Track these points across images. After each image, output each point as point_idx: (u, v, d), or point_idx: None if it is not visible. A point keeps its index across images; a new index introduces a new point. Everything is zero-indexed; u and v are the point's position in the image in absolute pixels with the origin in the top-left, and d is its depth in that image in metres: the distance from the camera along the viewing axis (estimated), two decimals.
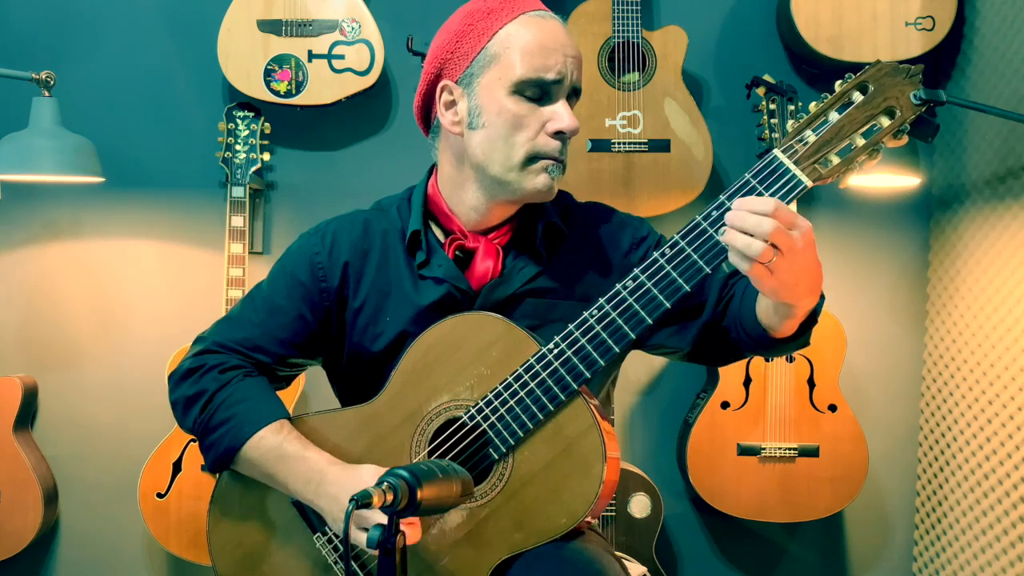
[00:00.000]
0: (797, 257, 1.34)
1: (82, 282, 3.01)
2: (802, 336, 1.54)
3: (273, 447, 1.57)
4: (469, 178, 1.63)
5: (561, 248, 1.68)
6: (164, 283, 3.01)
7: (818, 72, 2.98)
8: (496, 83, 1.56)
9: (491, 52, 1.56)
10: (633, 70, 2.81)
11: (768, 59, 2.99)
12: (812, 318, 1.53)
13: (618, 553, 1.88)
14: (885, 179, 2.80)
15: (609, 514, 2.77)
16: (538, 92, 1.56)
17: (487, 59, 1.56)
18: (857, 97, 1.40)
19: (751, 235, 1.32)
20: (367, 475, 1.49)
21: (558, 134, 1.57)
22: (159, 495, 2.78)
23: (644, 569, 2.24)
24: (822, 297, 1.52)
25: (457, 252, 1.66)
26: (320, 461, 1.55)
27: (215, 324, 1.74)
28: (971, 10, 2.80)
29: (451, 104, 1.61)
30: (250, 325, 1.69)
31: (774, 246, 1.32)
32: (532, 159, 1.57)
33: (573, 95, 1.61)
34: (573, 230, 1.71)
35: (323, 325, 1.69)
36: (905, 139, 1.41)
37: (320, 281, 1.68)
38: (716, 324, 1.62)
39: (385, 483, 1.20)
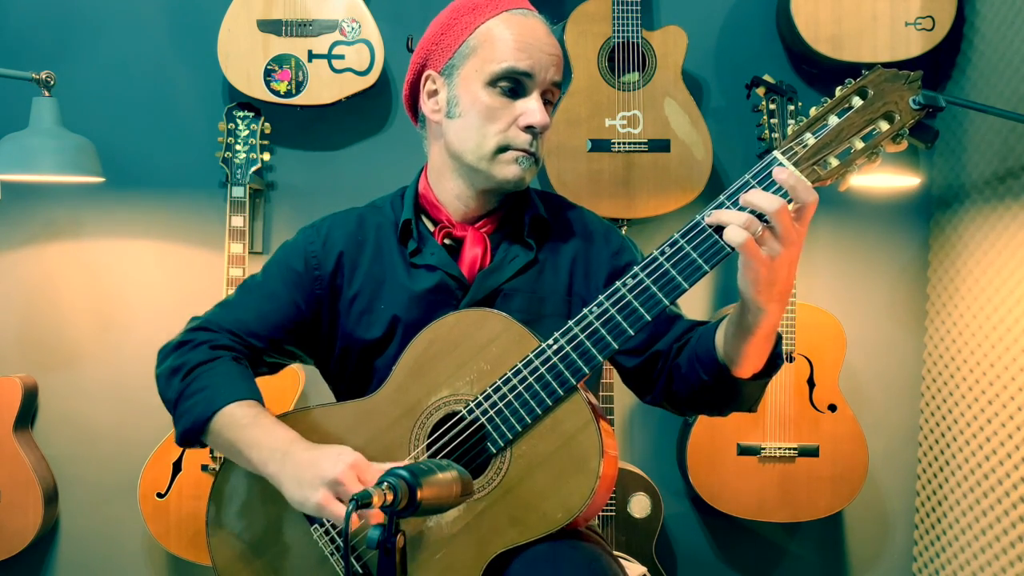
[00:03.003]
0: (791, 251, 1.36)
1: (82, 282, 3.01)
2: (759, 380, 1.54)
3: (244, 415, 1.57)
4: (449, 166, 1.69)
5: (548, 241, 1.72)
6: (164, 283, 3.01)
7: (818, 72, 2.98)
8: (473, 75, 1.62)
9: (471, 45, 1.62)
10: (633, 70, 2.81)
11: (768, 59, 3.00)
12: (771, 366, 1.53)
13: (617, 553, 1.88)
14: (885, 179, 2.80)
15: (609, 514, 2.77)
16: (512, 85, 1.61)
17: (467, 51, 1.63)
18: (856, 102, 1.42)
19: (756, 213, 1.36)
20: (328, 459, 1.45)
21: (528, 128, 1.62)
22: (159, 495, 2.78)
23: (644, 569, 2.24)
24: (781, 358, 1.54)
25: (447, 240, 1.70)
26: (287, 438, 1.53)
27: (210, 309, 1.76)
28: (971, 10, 2.81)
29: (433, 93, 1.68)
30: (244, 309, 1.71)
31: (771, 228, 1.35)
32: (502, 149, 1.63)
33: (552, 90, 1.65)
34: (560, 226, 1.75)
35: (315, 314, 1.72)
36: (905, 144, 1.43)
37: (313, 270, 1.71)
38: (667, 358, 1.63)
39: (385, 483, 1.20)
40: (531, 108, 1.61)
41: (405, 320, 1.66)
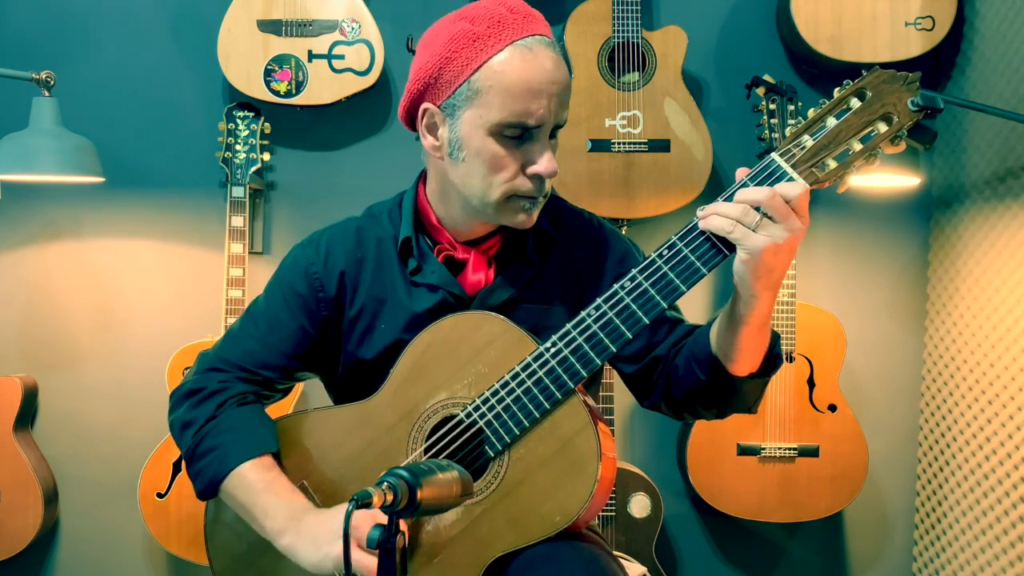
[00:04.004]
0: (795, 235, 1.37)
1: (82, 282, 3.01)
2: (757, 379, 1.53)
3: (257, 480, 1.57)
4: (451, 197, 1.62)
5: (552, 254, 1.69)
6: (164, 283, 3.01)
7: (818, 72, 2.98)
8: (477, 120, 1.51)
9: (474, 87, 1.50)
10: (633, 70, 2.81)
11: (768, 59, 2.99)
12: (769, 366, 1.53)
13: (617, 553, 1.88)
14: (885, 179, 2.80)
15: (609, 514, 2.77)
16: (519, 133, 1.52)
17: (470, 93, 1.51)
18: (855, 103, 1.42)
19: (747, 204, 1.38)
20: (338, 512, 1.49)
21: (536, 176, 1.55)
22: (159, 495, 2.78)
23: (644, 569, 2.25)
24: (780, 358, 1.54)
25: (447, 259, 1.66)
26: (299, 506, 1.55)
27: (218, 342, 1.74)
28: (971, 10, 2.80)
29: (433, 128, 1.58)
30: (251, 340, 1.69)
31: (771, 218, 1.37)
32: (509, 198, 1.56)
33: (557, 128, 1.58)
34: (564, 236, 1.71)
35: (322, 335, 1.69)
36: (903, 145, 1.43)
37: (317, 291, 1.68)
38: (666, 362, 1.63)
39: (385, 483, 1.20)
40: (540, 158, 1.54)
41: (407, 341, 1.61)
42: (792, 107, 2.71)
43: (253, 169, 2.85)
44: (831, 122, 1.41)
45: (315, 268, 1.68)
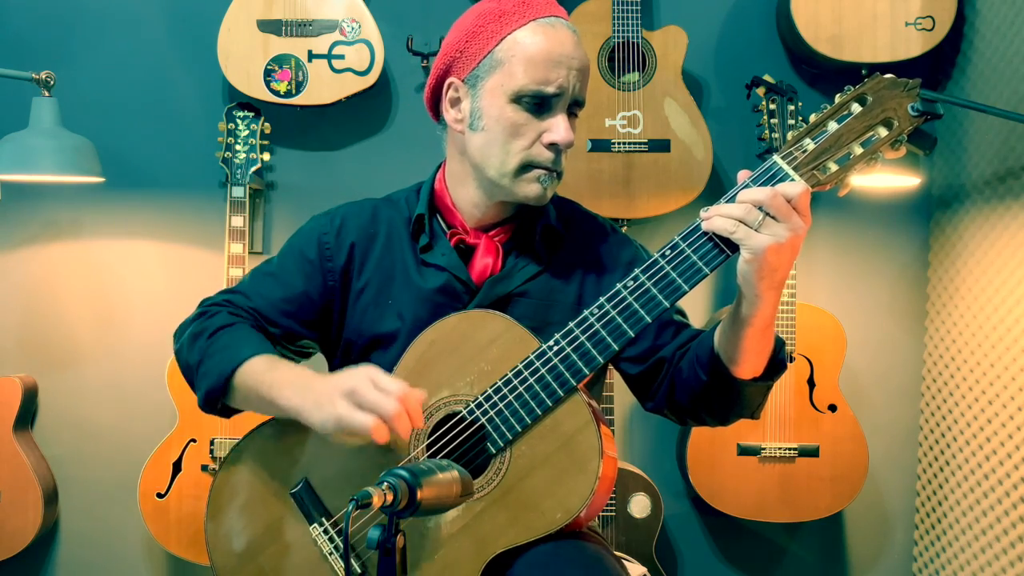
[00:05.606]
0: (797, 235, 1.38)
1: (82, 282, 3.01)
2: (761, 383, 1.54)
3: (265, 363, 1.58)
4: (469, 174, 1.67)
5: (560, 252, 1.71)
6: (164, 283, 3.01)
7: (818, 72, 2.98)
8: (498, 89, 1.59)
9: (497, 57, 1.59)
10: (633, 70, 2.81)
11: (768, 59, 2.99)
12: (773, 370, 1.54)
13: (618, 553, 1.88)
14: (885, 179, 2.80)
15: (609, 514, 2.77)
16: (537, 102, 1.58)
17: (493, 63, 1.59)
18: (856, 108, 1.44)
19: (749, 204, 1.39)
20: (343, 375, 1.47)
21: (552, 145, 1.60)
22: (159, 495, 2.78)
23: (644, 569, 2.24)
24: (784, 364, 1.55)
25: (459, 244, 1.69)
26: (307, 372, 1.55)
27: (222, 292, 1.76)
28: (971, 10, 2.81)
29: (456, 101, 1.65)
30: (258, 296, 1.72)
31: (773, 217, 1.37)
32: (526, 167, 1.61)
33: (576, 106, 1.63)
34: (574, 236, 1.74)
35: (327, 305, 1.72)
36: (903, 150, 1.45)
37: (327, 260, 1.71)
38: (670, 364, 1.64)
39: (385, 483, 1.20)
40: (556, 126, 1.59)
41: (410, 317, 1.65)
42: (792, 107, 2.71)
43: (253, 169, 2.85)
44: (832, 126, 1.43)
45: (327, 238, 1.72)
